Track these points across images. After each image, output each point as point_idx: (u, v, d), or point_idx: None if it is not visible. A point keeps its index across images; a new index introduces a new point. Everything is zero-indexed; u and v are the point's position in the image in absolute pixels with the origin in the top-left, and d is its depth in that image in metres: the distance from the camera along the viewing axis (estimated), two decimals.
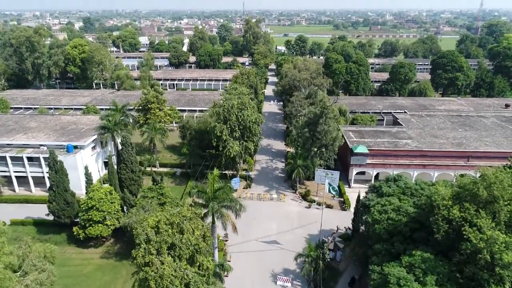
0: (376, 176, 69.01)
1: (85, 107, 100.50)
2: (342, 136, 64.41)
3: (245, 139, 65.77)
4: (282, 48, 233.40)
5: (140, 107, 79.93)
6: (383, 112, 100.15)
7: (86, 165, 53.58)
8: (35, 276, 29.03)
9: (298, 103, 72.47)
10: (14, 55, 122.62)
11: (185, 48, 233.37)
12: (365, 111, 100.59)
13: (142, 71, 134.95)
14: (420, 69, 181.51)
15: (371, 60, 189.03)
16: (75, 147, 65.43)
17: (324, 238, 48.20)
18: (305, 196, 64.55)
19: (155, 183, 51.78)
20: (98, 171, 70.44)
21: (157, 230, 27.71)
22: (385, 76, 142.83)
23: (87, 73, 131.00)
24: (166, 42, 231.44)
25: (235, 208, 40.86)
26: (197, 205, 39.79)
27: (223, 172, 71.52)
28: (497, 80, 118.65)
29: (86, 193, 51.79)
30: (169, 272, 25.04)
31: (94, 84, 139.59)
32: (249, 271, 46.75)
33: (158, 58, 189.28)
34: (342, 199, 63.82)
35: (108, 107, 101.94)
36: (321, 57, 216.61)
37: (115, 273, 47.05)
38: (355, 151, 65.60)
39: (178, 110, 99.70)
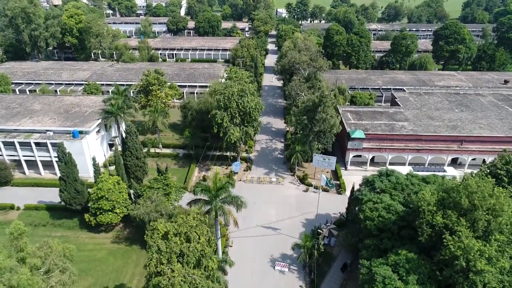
0: (372, 159, 71.69)
1: (85, 83, 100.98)
2: (340, 122, 66.05)
3: (245, 124, 67.54)
4: (282, 11, 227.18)
5: (141, 89, 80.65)
6: (382, 88, 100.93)
7: (93, 156, 55.89)
8: (58, 277, 32.43)
9: (298, 87, 73.36)
10: (10, 26, 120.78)
11: (183, 11, 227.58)
12: (365, 87, 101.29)
13: (141, 42, 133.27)
14: (423, 35, 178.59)
15: (373, 26, 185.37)
16: (81, 132, 67.44)
17: (319, 230, 51.65)
18: (302, 180, 67.51)
19: (160, 173, 54.40)
20: (104, 154, 73.01)
21: (167, 239, 30.66)
22: (386, 45, 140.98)
23: (85, 43, 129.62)
24: (163, 4, 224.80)
25: (236, 203, 43.73)
26: (201, 202, 42.65)
27: (224, 154, 74.17)
28: (499, 53, 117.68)
29: (94, 182, 54.59)
30: (179, 280, 28.30)
31: (92, 54, 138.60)
32: (249, 257, 50.66)
33: (156, 23, 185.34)
34: (338, 182, 66.86)
35: (108, 82, 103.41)
36: (323, 21, 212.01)
37: (126, 258, 51.02)
38: (352, 136, 67.65)
39: (178, 86, 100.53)
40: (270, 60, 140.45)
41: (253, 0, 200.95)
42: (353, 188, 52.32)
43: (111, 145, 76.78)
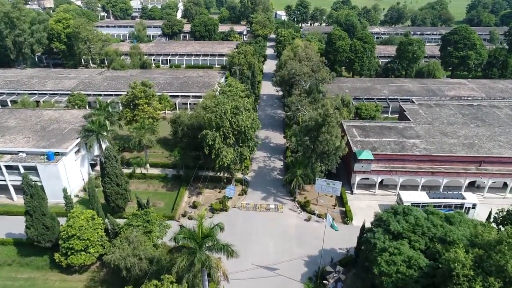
0: (381, 182, 64.67)
1: (70, 93, 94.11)
2: (347, 143, 58.92)
3: (240, 144, 60.63)
4: (282, 14, 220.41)
5: (127, 103, 73.60)
6: (389, 99, 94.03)
7: (64, 187, 48.91)
8: None
9: (298, 102, 66.38)
10: None
11: (179, 14, 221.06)
12: (370, 97, 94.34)
13: (133, 47, 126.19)
14: (428, 39, 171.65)
15: (376, 29, 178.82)
16: (57, 153, 60.48)
17: (324, 282, 44.58)
18: (304, 206, 60.48)
19: (140, 208, 47.44)
20: (83, 179, 65.93)
21: None
22: (391, 50, 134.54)
23: (74, 49, 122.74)
24: (159, 7, 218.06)
25: (226, 251, 36.81)
26: (184, 252, 35.70)
27: (218, 175, 67.11)
28: (511, 59, 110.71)
29: (66, 216, 47.61)
30: None
31: (82, 60, 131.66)
32: None
33: (151, 27, 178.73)
34: (344, 209, 59.89)
35: (96, 92, 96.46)
36: (324, 24, 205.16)
37: None
38: (359, 157, 60.67)
39: (171, 96, 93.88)
40: (269, 66, 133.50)
41: (252, 3, 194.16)
42: (363, 226, 45.29)
43: (93, 165, 69.95)
